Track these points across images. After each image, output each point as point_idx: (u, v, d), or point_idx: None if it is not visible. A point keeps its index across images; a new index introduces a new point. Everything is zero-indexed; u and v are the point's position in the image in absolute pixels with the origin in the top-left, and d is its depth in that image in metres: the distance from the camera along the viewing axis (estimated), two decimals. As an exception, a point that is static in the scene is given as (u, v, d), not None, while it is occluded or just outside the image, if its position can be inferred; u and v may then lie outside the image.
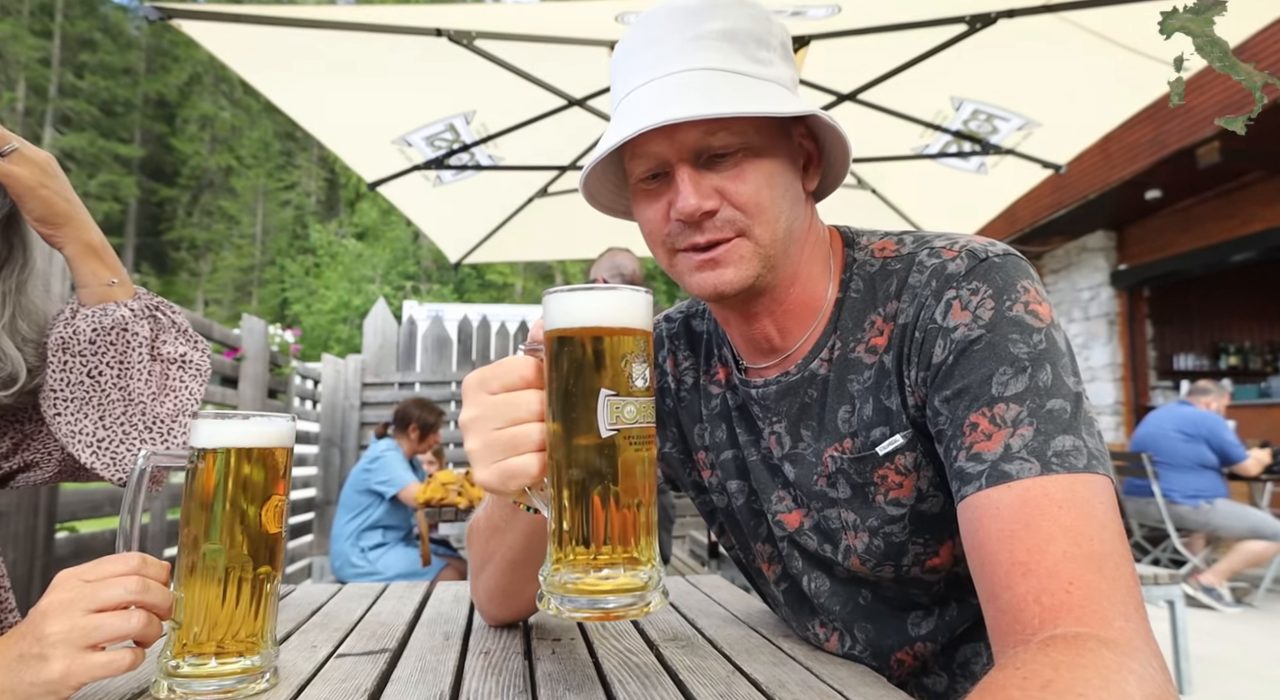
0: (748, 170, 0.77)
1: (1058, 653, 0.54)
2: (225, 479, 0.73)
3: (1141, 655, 0.56)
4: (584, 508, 0.59)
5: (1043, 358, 0.71)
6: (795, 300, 0.86)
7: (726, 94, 0.74)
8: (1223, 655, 3.83)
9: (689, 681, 0.78)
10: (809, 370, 0.86)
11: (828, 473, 0.84)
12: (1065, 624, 0.58)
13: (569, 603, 0.59)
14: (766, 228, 0.78)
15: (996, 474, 0.67)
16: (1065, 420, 0.68)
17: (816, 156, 0.86)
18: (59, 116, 31.35)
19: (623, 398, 0.59)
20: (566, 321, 0.60)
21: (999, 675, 0.55)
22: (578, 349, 0.60)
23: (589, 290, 0.60)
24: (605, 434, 0.58)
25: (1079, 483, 0.65)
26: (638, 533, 0.60)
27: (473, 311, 7.85)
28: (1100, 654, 0.54)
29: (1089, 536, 0.62)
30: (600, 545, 0.59)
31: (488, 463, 0.64)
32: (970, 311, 0.74)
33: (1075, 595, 0.59)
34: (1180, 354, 9.63)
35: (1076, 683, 0.51)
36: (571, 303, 0.60)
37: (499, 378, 0.65)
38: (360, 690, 0.74)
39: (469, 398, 0.66)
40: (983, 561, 0.66)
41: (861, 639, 0.89)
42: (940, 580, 0.85)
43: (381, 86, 2.95)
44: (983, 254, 0.77)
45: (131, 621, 0.67)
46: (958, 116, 3.10)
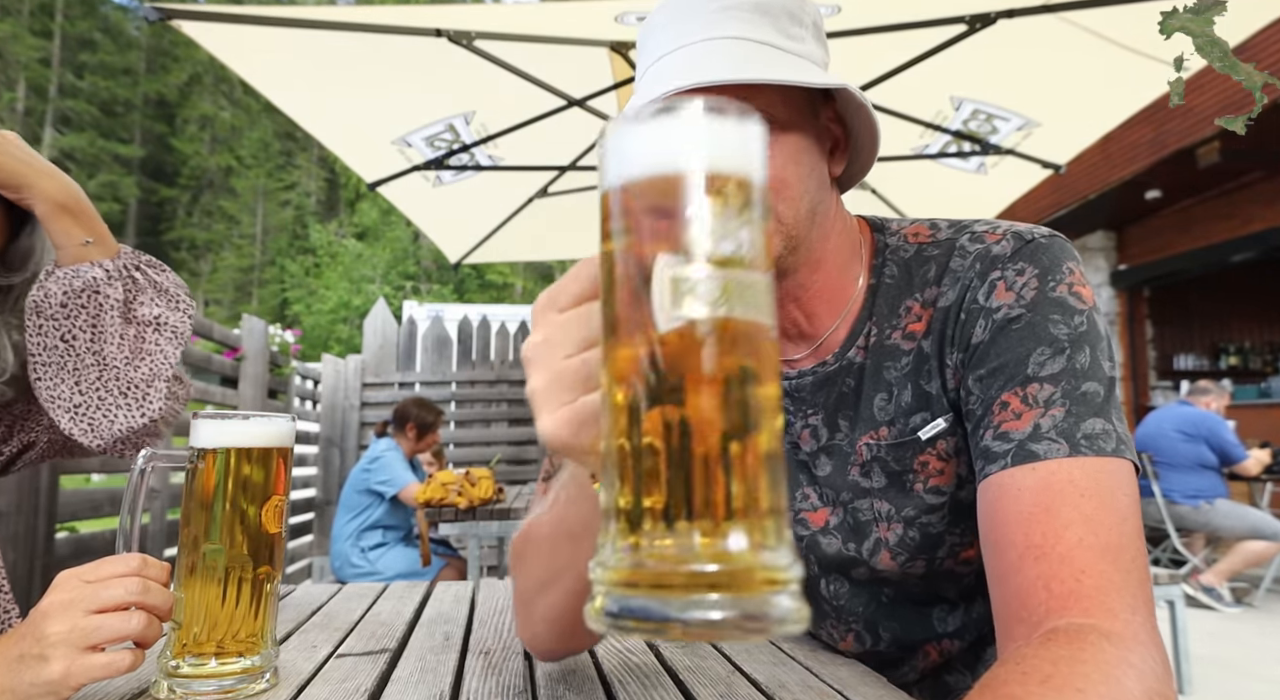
0: (774, 145, 0.74)
1: (1058, 647, 0.54)
2: (225, 479, 0.73)
3: (1143, 649, 0.55)
4: (636, 458, 0.34)
5: (1083, 340, 0.70)
6: (823, 285, 0.84)
7: (755, 62, 0.73)
8: (1223, 655, 3.83)
9: (689, 681, 0.78)
10: (846, 359, 0.84)
11: (861, 461, 0.83)
12: (1071, 614, 0.58)
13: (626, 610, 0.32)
14: (790, 206, 0.76)
15: (1023, 453, 0.66)
16: (1098, 404, 0.67)
17: (844, 141, 0.84)
18: (59, 116, 31.36)
19: (697, 266, 0.34)
20: (620, 170, 0.36)
21: (1000, 671, 0.55)
22: (639, 203, 0.36)
23: (661, 117, 0.35)
24: (665, 327, 0.34)
25: (1105, 469, 0.64)
26: (729, 497, 0.33)
27: (473, 311, 7.86)
28: (1101, 648, 0.54)
29: (1108, 526, 0.61)
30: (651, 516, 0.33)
31: (555, 405, 0.43)
32: (1014, 292, 0.73)
33: (1085, 584, 0.59)
34: (1180, 354, 9.63)
35: (1075, 677, 0.51)
36: (628, 140, 0.36)
37: (568, 287, 0.45)
38: (360, 690, 0.74)
39: (537, 319, 0.47)
40: (996, 542, 0.65)
41: (886, 637, 0.88)
42: (971, 573, 0.84)
43: (381, 86, 2.95)
44: (1029, 235, 0.76)
45: (131, 622, 0.67)
46: (957, 116, 3.10)
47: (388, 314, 5.81)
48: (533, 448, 5.65)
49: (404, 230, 28.19)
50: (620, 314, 0.36)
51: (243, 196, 34.82)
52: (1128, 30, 2.46)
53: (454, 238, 4.20)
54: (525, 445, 5.57)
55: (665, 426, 0.34)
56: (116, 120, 33.35)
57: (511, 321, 6.12)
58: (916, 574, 0.83)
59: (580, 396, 0.43)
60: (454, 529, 3.33)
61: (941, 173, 3.48)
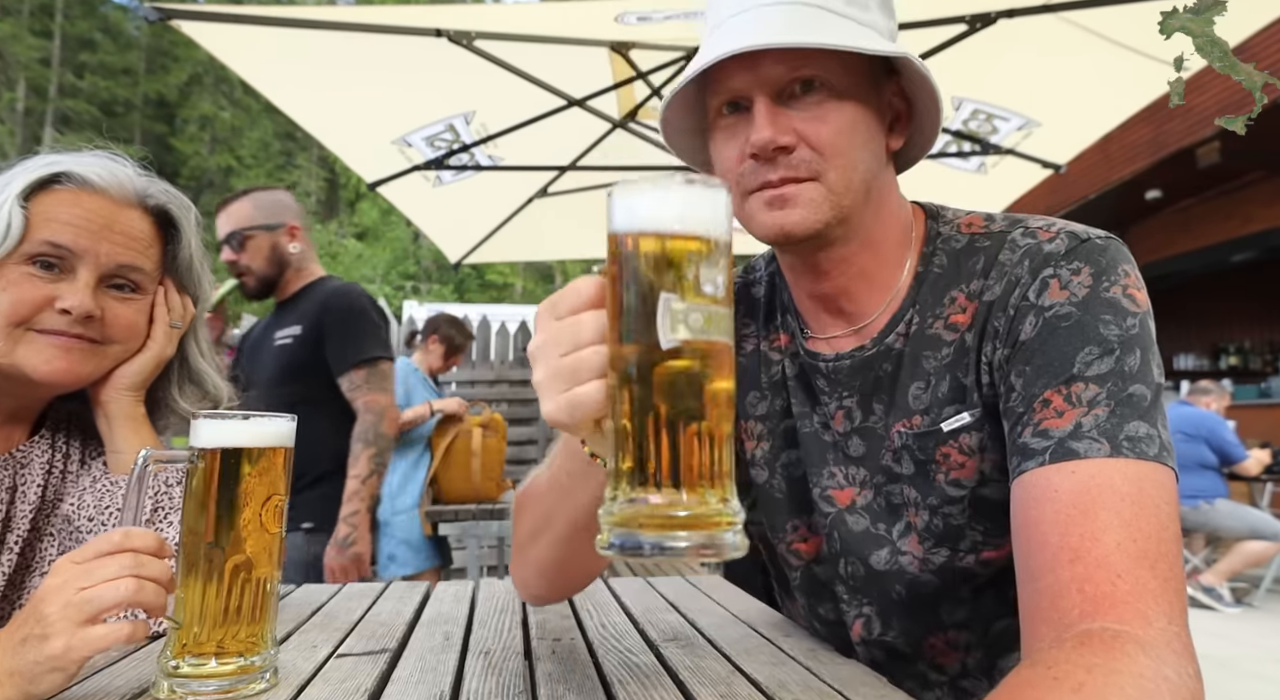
0: (830, 112, 0.74)
1: (1092, 654, 0.53)
2: (225, 479, 0.73)
3: (1179, 661, 0.54)
4: (638, 435, 0.50)
5: (1133, 342, 0.68)
6: (868, 263, 0.82)
7: (814, 28, 0.72)
8: (1223, 655, 3.83)
9: (689, 681, 0.78)
10: (884, 344, 0.83)
11: (894, 448, 0.82)
12: (1105, 618, 0.56)
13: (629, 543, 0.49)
14: (842, 174, 0.75)
15: (1063, 451, 0.64)
16: (1144, 408, 0.66)
17: (905, 117, 0.83)
18: (59, 116, 31.37)
19: (687, 303, 0.49)
20: (627, 222, 0.52)
21: (1029, 672, 0.54)
22: (637, 250, 0.51)
23: (654, 184, 0.52)
24: (666, 345, 0.49)
25: (1146, 474, 0.63)
26: (700, 465, 0.50)
27: (473, 311, 7.84)
28: (1137, 660, 0.52)
29: (1146, 534, 0.60)
30: (664, 478, 0.50)
31: (553, 393, 0.56)
32: (1068, 290, 0.72)
33: (1121, 589, 0.57)
34: (1180, 354, 9.64)
35: (1110, 689, 0.50)
36: (634, 199, 0.52)
37: (565, 299, 0.58)
38: (360, 690, 0.74)
39: (539, 324, 0.60)
40: (1030, 541, 0.64)
41: (895, 627, 0.88)
42: (989, 574, 0.83)
43: (381, 87, 2.95)
44: (1084, 235, 0.75)
45: (120, 589, 0.67)
46: (958, 116, 3.10)
47: (388, 314, 5.81)
48: (532, 448, 5.65)
49: (404, 230, 28.18)
50: (631, 332, 0.51)
51: (243, 197, 34.78)
52: (1128, 30, 2.47)
53: (454, 238, 4.20)
54: (525, 445, 5.57)
55: (658, 414, 0.50)
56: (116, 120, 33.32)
57: (511, 321, 6.11)
58: (935, 565, 0.83)
59: (574, 387, 0.55)
60: (454, 529, 3.33)
61: (941, 172, 3.48)
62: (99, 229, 0.92)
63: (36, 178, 0.90)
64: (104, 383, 0.98)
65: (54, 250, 0.89)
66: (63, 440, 1.01)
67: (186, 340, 1.07)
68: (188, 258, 1.05)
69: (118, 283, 0.95)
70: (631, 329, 0.50)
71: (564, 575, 0.88)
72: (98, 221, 0.92)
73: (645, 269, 0.50)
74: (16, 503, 0.94)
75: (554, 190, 3.83)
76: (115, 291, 0.95)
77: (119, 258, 0.94)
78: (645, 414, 0.50)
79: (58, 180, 0.92)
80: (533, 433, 5.61)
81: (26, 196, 0.89)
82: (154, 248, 1.00)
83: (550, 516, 0.80)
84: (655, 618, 1.08)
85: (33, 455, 0.97)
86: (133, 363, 0.99)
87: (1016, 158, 3.28)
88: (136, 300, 0.98)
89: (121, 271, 0.95)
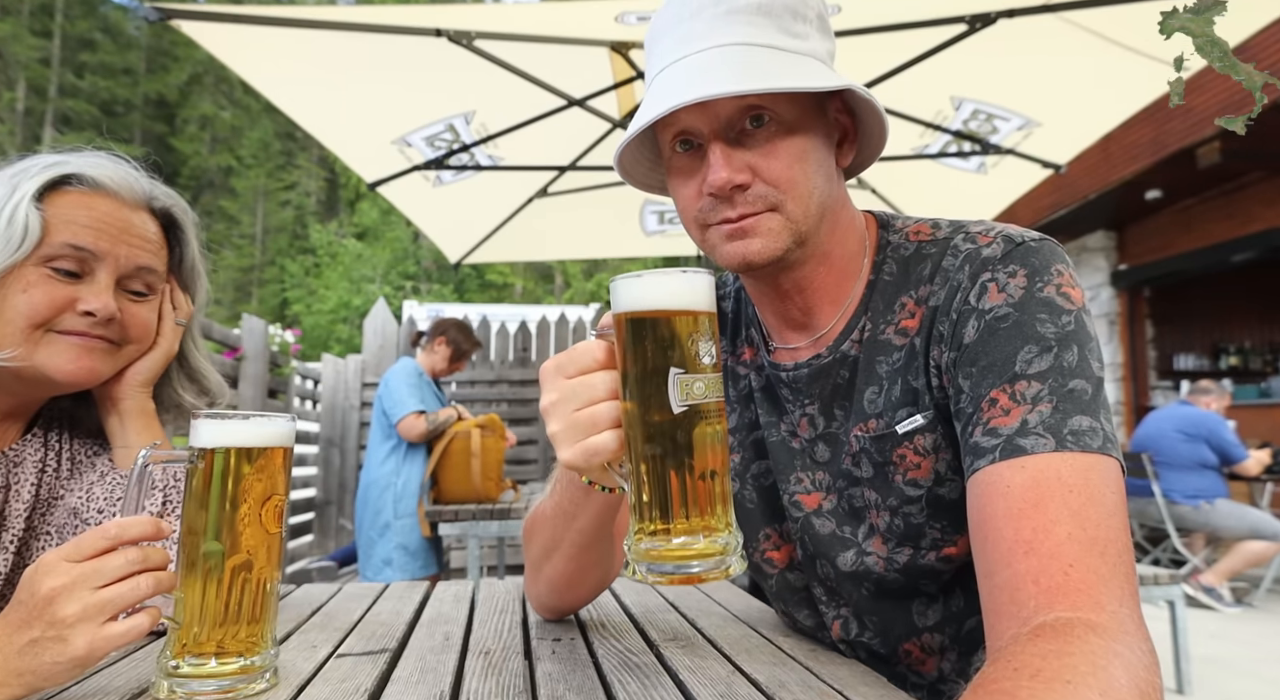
0: (780, 146, 0.77)
1: (1046, 642, 0.56)
2: (225, 479, 0.73)
3: (1130, 639, 0.56)
4: (661, 481, 0.62)
5: (1070, 339, 0.71)
6: (826, 277, 0.86)
7: (759, 69, 0.74)
8: (1223, 655, 3.83)
9: (689, 681, 0.78)
10: (840, 352, 0.86)
11: (853, 452, 0.85)
12: (1059, 608, 0.59)
13: (654, 570, 0.62)
14: (799, 203, 0.78)
15: (1011, 447, 0.67)
16: (1085, 401, 0.69)
17: (852, 132, 0.85)
18: (59, 116, 31.37)
19: (691, 375, 0.61)
20: (635, 305, 0.63)
21: (991, 669, 0.56)
22: (647, 330, 0.63)
23: (654, 275, 0.63)
24: (677, 410, 0.61)
25: (1091, 466, 0.65)
26: (713, 502, 0.62)
27: (473, 311, 7.86)
28: (1088, 640, 0.55)
29: (1095, 522, 0.62)
30: (678, 515, 0.62)
31: (570, 443, 0.65)
32: (1005, 293, 0.75)
33: (1073, 578, 0.60)
34: (1180, 354, 9.63)
35: (1064, 670, 0.52)
36: (638, 288, 0.63)
37: (574, 362, 0.67)
38: (360, 690, 0.74)
39: (547, 383, 0.68)
40: (986, 537, 0.66)
41: (871, 627, 0.90)
42: (951, 570, 0.85)
43: (381, 86, 2.95)
44: (1019, 238, 0.78)
45: (141, 586, 0.68)
46: (958, 116, 3.10)
47: (388, 314, 5.81)
48: (532, 448, 5.65)
49: (404, 230, 28.16)
50: (645, 397, 0.62)
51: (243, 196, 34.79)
52: (1128, 30, 2.47)
53: (454, 237, 4.20)
54: (525, 445, 5.57)
55: (671, 464, 0.62)
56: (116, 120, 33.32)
57: (511, 321, 6.11)
58: (899, 564, 0.85)
59: (587, 437, 0.65)
60: (454, 529, 3.33)
61: (942, 172, 3.48)
62: (118, 232, 0.93)
63: (48, 179, 0.90)
64: (116, 380, 0.99)
65: (76, 253, 0.89)
66: (55, 438, 1.01)
67: (184, 339, 1.08)
68: (191, 259, 1.06)
69: (132, 285, 0.96)
70: (646, 395, 0.62)
71: (574, 589, 0.98)
72: (116, 224, 0.93)
73: (652, 344, 0.62)
74: (11, 501, 0.94)
75: (554, 190, 3.83)
76: (130, 294, 0.96)
77: (137, 260, 0.95)
78: (660, 464, 0.62)
79: (68, 181, 0.92)
80: (533, 433, 5.61)
81: (39, 198, 0.89)
82: (163, 249, 1.01)
83: (558, 539, 0.90)
84: (655, 618, 1.08)
85: (25, 453, 0.97)
86: (145, 360, 1.00)
87: (1017, 158, 3.28)
88: (149, 300, 0.99)
89: (139, 273, 0.96)
